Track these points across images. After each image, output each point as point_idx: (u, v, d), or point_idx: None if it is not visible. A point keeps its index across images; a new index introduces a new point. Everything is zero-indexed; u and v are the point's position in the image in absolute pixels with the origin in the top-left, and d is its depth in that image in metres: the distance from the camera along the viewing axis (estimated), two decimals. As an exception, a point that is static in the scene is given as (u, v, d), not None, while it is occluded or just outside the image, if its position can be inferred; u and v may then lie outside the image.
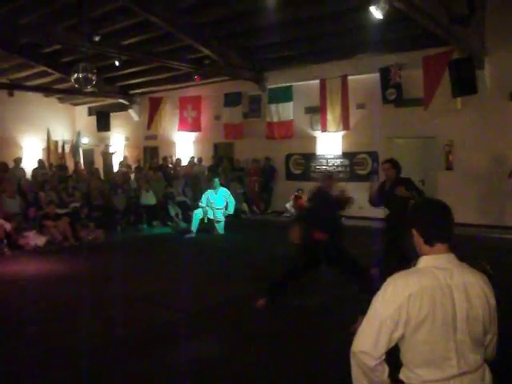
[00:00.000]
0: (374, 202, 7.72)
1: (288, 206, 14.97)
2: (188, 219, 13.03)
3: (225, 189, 12.24)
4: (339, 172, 14.76)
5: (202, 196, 12.55)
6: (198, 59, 14.52)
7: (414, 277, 2.14)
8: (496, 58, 11.79)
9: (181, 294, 6.92)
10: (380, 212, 8.57)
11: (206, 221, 11.89)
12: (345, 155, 14.67)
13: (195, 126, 17.44)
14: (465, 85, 11.39)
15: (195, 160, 17.26)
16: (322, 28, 13.00)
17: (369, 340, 2.12)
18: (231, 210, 12.05)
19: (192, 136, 18.00)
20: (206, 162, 17.02)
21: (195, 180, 15.63)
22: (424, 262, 2.21)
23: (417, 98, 12.93)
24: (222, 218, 11.87)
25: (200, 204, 11.97)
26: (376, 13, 8.78)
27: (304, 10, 12.17)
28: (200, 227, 11.85)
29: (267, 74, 15.49)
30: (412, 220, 2.31)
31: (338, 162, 14.81)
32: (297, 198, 14.97)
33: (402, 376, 2.17)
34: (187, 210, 13.71)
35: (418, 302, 2.07)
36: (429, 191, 13.15)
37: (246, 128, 16.21)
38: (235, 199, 12.62)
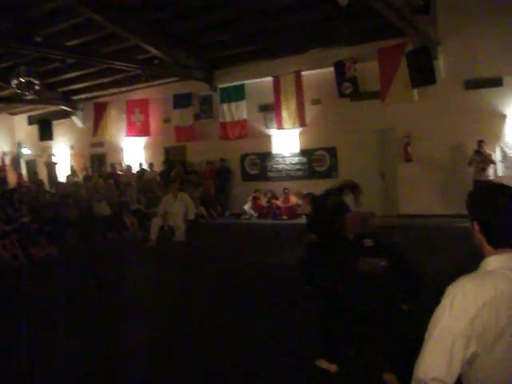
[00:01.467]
0: None
1: (246, 207, 14.49)
2: (144, 228, 12.32)
3: (184, 194, 11.54)
4: (297, 170, 14.43)
5: (156, 203, 11.90)
6: (147, 60, 13.89)
7: (487, 281, 1.74)
8: (449, 47, 11.79)
9: (149, 313, 6.21)
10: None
11: (165, 228, 11.18)
12: (302, 153, 14.32)
13: (144, 131, 16.71)
14: (424, 75, 11.33)
15: (144, 166, 16.60)
16: (273, 23, 12.65)
17: (441, 363, 1.69)
18: (192, 216, 11.35)
19: (141, 141, 17.22)
20: (158, 168, 16.33)
21: (147, 186, 14.95)
22: (493, 262, 1.79)
23: (373, 90, 12.78)
24: (183, 225, 11.14)
25: (158, 211, 11.23)
26: (341, 1, 8.45)
27: (254, 6, 11.75)
28: (159, 235, 11.11)
29: (218, 73, 15.01)
30: (474, 211, 1.87)
31: (296, 159, 14.44)
32: (255, 199, 14.52)
33: None
34: (142, 218, 12.95)
35: (494, 311, 1.69)
36: (389, 184, 13.05)
37: (198, 130, 15.65)
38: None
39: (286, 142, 14.51)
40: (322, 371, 4.22)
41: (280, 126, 14.14)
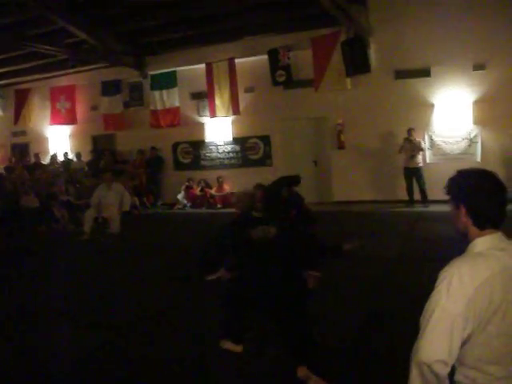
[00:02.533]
0: None
1: (180, 197, 14.19)
2: (75, 220, 11.74)
3: (118, 183, 10.99)
4: (231, 158, 14.28)
5: (86, 194, 11.34)
6: (75, 44, 13.23)
7: (480, 262, 1.84)
8: (380, 38, 12.06)
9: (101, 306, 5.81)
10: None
11: (100, 220, 10.64)
12: (236, 141, 14.18)
13: (70, 119, 15.94)
14: (358, 64, 11.53)
15: (70, 155, 15.87)
16: (206, 10, 12.37)
17: (442, 345, 1.77)
18: (127, 207, 10.81)
19: (67, 129, 16.42)
20: (85, 157, 15.66)
21: (75, 177, 14.29)
22: (481, 244, 1.90)
23: (307, 79, 12.84)
24: (117, 216, 10.54)
25: (91, 202, 10.66)
26: None
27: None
28: (93, 227, 10.45)
29: (149, 60, 14.54)
30: (460, 195, 1.96)
31: (229, 148, 14.29)
32: (188, 188, 14.24)
33: (460, 378, 1.89)
34: (73, 209, 12.31)
35: (489, 290, 1.79)
36: (323, 171, 13.16)
37: (128, 118, 15.17)
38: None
39: (219, 130, 14.32)
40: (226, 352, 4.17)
41: (213, 114, 13.92)
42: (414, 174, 11.78)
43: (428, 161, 12.26)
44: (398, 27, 11.95)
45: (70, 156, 15.97)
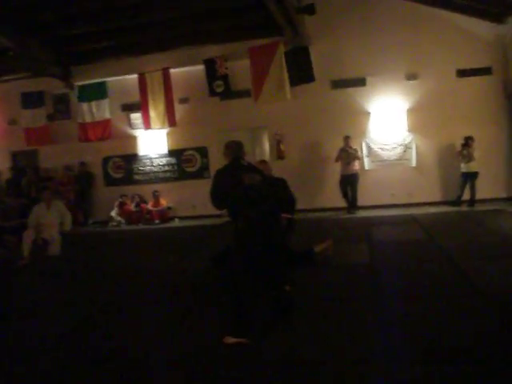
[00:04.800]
0: None
1: (113, 214, 13.46)
2: (5, 244, 10.71)
3: (58, 202, 10.13)
4: (166, 171, 13.82)
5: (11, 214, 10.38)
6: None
7: None
8: (317, 47, 12.22)
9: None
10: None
11: (40, 242, 9.72)
12: (171, 153, 13.75)
13: (-16, 134, 14.69)
14: (303, 74, 11.64)
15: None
16: (138, 18, 11.93)
17: None
18: (68, 227, 9.97)
19: (-19, 145, 15.11)
20: (3, 175, 14.45)
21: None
22: None
23: (245, 89, 12.78)
24: (58, 237, 9.61)
25: (29, 223, 9.69)
26: None
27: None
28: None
29: (75, 70, 13.75)
30: None
31: (164, 160, 13.82)
32: (122, 204, 13.57)
33: None
34: (0, 232, 11.19)
35: None
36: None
37: (53, 131, 14.15)
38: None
39: (152, 143, 13.80)
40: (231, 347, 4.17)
41: (148, 126, 13.41)
42: (349, 180, 12.04)
43: (366, 167, 12.62)
44: (334, 39, 12.33)
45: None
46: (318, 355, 3.94)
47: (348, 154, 11.93)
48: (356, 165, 12.06)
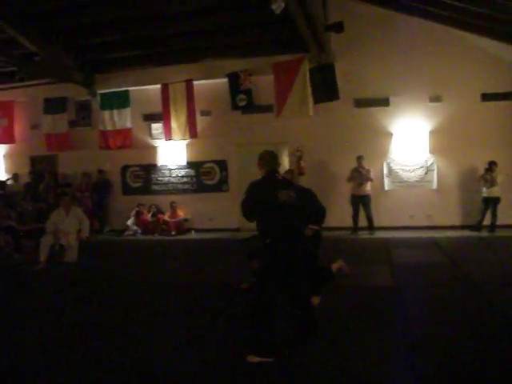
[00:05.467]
0: None
1: (129, 223, 13.45)
2: (21, 248, 10.72)
3: (77, 208, 10.13)
4: (185, 183, 13.80)
5: (27, 218, 10.35)
6: (23, 56, 12.32)
7: None
8: (341, 66, 12.14)
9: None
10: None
11: (57, 248, 9.70)
12: (190, 165, 13.73)
13: (7, 137, 14.70)
14: (327, 91, 11.60)
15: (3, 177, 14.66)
16: (164, 28, 12.00)
17: None
18: (87, 233, 9.86)
19: (2, 149, 15.19)
20: (22, 180, 14.50)
21: (13, 200, 13.12)
22: None
23: (266, 104, 12.79)
24: (75, 243, 9.61)
25: (47, 228, 9.65)
26: (275, 10, 8.37)
27: (142, 8, 10.98)
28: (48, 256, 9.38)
29: (98, 77, 13.82)
30: None
31: (183, 172, 13.79)
32: (138, 213, 13.55)
33: None
34: (16, 236, 11.19)
35: None
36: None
37: (74, 138, 14.21)
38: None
39: (172, 154, 13.80)
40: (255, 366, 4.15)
41: (169, 137, 13.42)
42: (361, 201, 11.97)
43: (386, 188, 12.54)
44: (358, 57, 12.28)
45: (3, 177, 14.74)
46: (339, 378, 3.88)
47: (361, 175, 11.88)
48: (368, 186, 11.98)
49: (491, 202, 11.47)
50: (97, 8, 10.95)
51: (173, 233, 13.11)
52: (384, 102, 12.45)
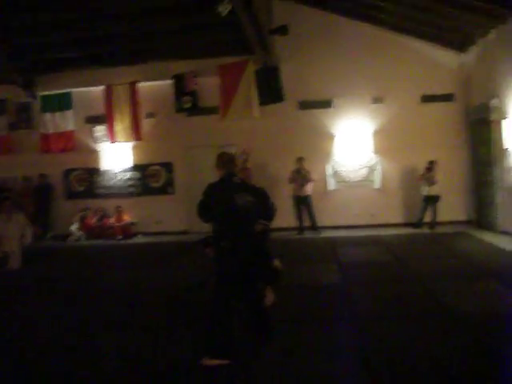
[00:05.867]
0: None
1: (73, 228, 13.11)
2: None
3: (19, 214, 9.78)
4: (130, 186, 13.58)
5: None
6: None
7: None
8: (285, 68, 12.30)
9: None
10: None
11: (0, 255, 9.35)
12: (136, 168, 13.52)
13: None
14: (272, 93, 11.71)
15: None
16: (107, 30, 11.83)
17: None
18: (29, 239, 9.60)
19: None
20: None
21: None
22: None
23: (213, 106, 12.76)
24: (18, 250, 9.37)
25: None
26: (221, 12, 8.41)
27: (84, 8, 10.82)
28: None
29: (40, 79, 13.45)
30: None
31: (129, 175, 13.57)
32: (83, 218, 13.25)
33: None
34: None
35: None
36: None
37: (14, 141, 13.75)
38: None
39: (117, 157, 13.55)
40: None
41: (113, 140, 13.20)
42: (302, 202, 12.13)
43: (331, 188, 12.74)
44: (303, 60, 12.50)
45: None
46: (291, 376, 3.90)
47: (301, 176, 12.02)
48: (308, 187, 12.11)
49: (431, 200, 11.83)
50: (36, 7, 10.70)
51: (119, 237, 12.88)
52: (327, 104, 12.65)
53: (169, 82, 12.80)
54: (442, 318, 5.17)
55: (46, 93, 13.48)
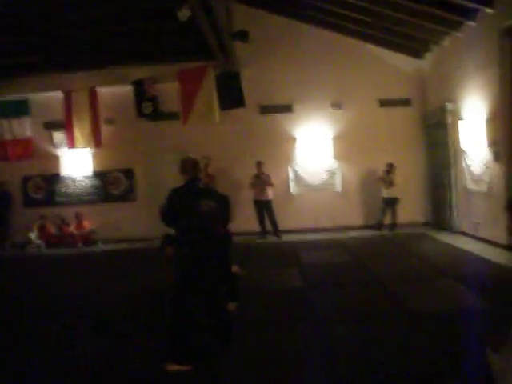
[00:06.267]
0: None
1: (33, 236, 12.82)
2: None
3: None
4: (90, 193, 13.39)
5: None
6: None
7: None
8: (246, 73, 12.35)
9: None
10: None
11: None
12: (96, 174, 13.34)
13: None
14: (233, 99, 11.74)
15: None
16: (66, 33, 11.68)
17: None
18: None
19: None
20: None
21: None
22: None
23: (173, 111, 12.71)
24: None
25: None
26: (180, 17, 8.44)
27: (44, 11, 10.68)
28: None
29: (-5, 84, 13.17)
30: None
31: (88, 182, 13.38)
32: (42, 226, 12.99)
33: None
34: None
35: None
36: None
37: (-31, 148, 13.42)
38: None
39: (76, 163, 13.32)
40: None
41: (72, 146, 12.98)
42: (263, 206, 12.20)
43: (292, 192, 12.84)
44: (263, 65, 12.59)
45: None
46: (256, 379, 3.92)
47: (261, 181, 12.08)
48: (269, 191, 12.15)
49: (390, 203, 12.05)
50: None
51: (79, 245, 12.68)
52: (288, 109, 12.78)
53: (129, 87, 12.69)
54: (400, 318, 5.27)
55: (2, 99, 13.18)
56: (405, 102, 12.62)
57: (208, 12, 9.05)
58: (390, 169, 11.97)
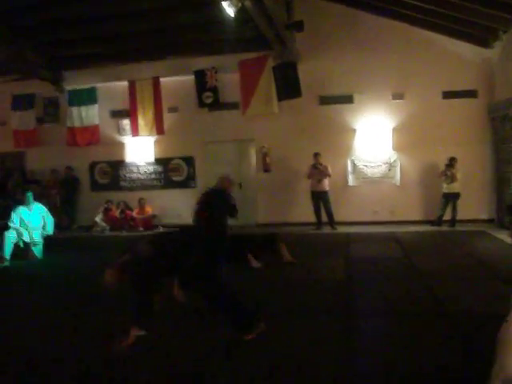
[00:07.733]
0: None
1: (98, 219, 13.45)
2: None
3: (40, 205, 10.11)
4: (153, 179, 13.87)
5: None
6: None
7: None
8: (305, 63, 12.31)
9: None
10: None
11: (22, 245, 9.64)
12: (158, 161, 13.79)
13: (-26, 134, 14.68)
14: (290, 89, 11.74)
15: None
16: (130, 26, 12.03)
17: None
18: (50, 230, 9.98)
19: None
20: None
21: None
22: None
23: (233, 101, 12.90)
24: (40, 240, 9.74)
25: (12, 224, 9.56)
26: (228, 10, 8.46)
27: (110, 6, 11.03)
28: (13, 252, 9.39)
29: (66, 74, 13.82)
30: None
31: (151, 168, 13.86)
32: (107, 210, 13.59)
33: None
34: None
35: None
36: (248, 194, 13.11)
37: (42, 135, 14.19)
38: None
39: (140, 150, 13.83)
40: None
41: (136, 133, 13.49)
42: (320, 197, 12.13)
43: (350, 183, 12.73)
44: (323, 55, 12.44)
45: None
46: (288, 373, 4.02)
47: (318, 171, 12.00)
48: (326, 182, 12.06)
49: (451, 198, 11.70)
50: (62, 4, 10.97)
51: (140, 229, 13.18)
52: (348, 99, 12.61)
53: (191, 77, 12.94)
54: (435, 318, 5.19)
55: (73, 88, 13.83)
56: (470, 94, 12.10)
57: (259, 2, 9.02)
58: (452, 163, 11.60)
